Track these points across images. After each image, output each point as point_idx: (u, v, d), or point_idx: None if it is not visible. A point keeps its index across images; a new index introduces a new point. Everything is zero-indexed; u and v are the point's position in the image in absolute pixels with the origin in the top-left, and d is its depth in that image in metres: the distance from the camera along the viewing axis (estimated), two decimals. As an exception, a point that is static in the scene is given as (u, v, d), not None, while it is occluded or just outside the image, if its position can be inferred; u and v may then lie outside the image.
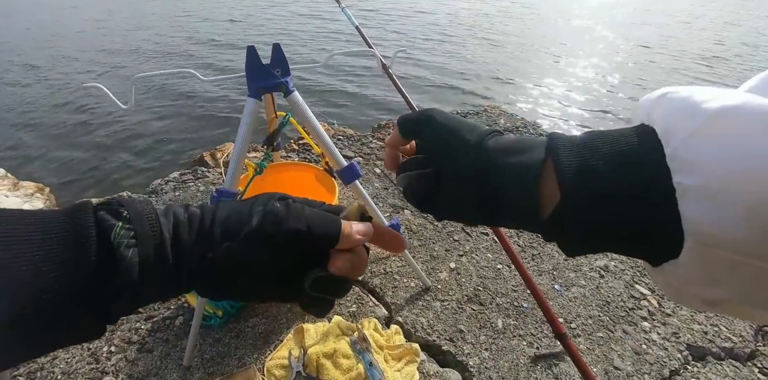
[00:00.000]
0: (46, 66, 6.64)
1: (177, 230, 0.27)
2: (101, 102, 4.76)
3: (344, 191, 1.78)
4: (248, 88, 0.87)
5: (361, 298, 1.31)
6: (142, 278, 0.25)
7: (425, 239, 1.59)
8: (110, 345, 1.15)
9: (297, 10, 11.41)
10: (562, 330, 0.83)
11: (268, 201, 0.30)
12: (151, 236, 0.26)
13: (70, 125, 4.42)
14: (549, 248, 1.58)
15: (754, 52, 7.89)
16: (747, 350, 1.27)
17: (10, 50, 7.65)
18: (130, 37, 8.38)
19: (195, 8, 12.00)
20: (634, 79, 5.97)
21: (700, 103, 0.21)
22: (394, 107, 4.66)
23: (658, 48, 7.74)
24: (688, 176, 0.20)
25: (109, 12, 11.48)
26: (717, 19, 11.92)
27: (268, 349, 1.12)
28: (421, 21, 10.01)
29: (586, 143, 0.25)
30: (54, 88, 5.56)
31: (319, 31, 8.63)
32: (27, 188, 2.26)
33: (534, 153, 0.26)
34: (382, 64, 1.17)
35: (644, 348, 1.21)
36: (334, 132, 2.55)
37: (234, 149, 0.92)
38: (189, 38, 8.22)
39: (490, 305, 1.31)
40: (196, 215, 0.28)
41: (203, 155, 2.57)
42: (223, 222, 0.28)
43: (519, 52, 7.22)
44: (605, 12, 12.75)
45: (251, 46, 0.85)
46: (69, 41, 8.24)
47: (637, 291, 1.42)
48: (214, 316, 1.16)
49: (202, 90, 5.02)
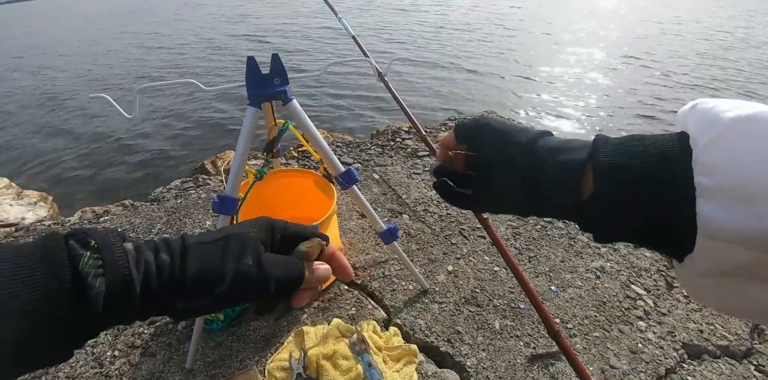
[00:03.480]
0: (53, 77, 6.74)
1: (148, 275, 0.28)
2: (105, 112, 4.82)
3: (343, 197, 1.81)
4: (248, 97, 0.90)
5: (360, 301, 1.33)
6: (107, 306, 0.25)
7: (423, 242, 1.62)
8: (114, 349, 1.17)
9: (297, 21, 11.58)
10: (555, 327, 0.85)
11: (239, 257, 0.30)
12: (119, 266, 0.26)
13: (72, 134, 4.48)
14: (545, 251, 1.61)
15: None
16: (743, 348, 1.28)
17: (22, 61, 7.78)
18: (135, 50, 8.51)
19: (197, 21, 12.19)
20: (627, 85, 6.03)
21: (719, 113, 0.24)
22: (391, 113, 4.71)
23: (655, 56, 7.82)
24: (706, 177, 0.22)
25: (123, 26, 11.69)
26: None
27: (269, 352, 1.14)
28: (418, 29, 10.15)
29: (623, 143, 0.28)
30: (59, 99, 5.64)
31: (317, 40, 8.76)
32: (30, 196, 2.30)
33: (578, 153, 0.30)
34: (378, 72, 1.21)
35: (640, 347, 1.23)
36: (332, 139, 2.59)
37: (235, 156, 0.95)
38: (191, 49, 8.35)
39: (488, 306, 1.33)
40: (166, 263, 0.29)
41: (204, 163, 2.61)
42: (195, 278, 0.29)
43: (515, 61, 7.30)
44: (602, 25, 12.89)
45: (251, 56, 0.88)
46: (77, 54, 8.38)
47: (632, 291, 1.44)
48: (215, 320, 1.18)
49: (203, 99, 5.09)
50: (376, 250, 1.56)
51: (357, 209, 1.78)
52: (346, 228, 1.67)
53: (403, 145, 2.38)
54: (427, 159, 2.22)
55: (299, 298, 0.34)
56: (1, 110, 5.42)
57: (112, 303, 0.26)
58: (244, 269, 0.30)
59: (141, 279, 0.27)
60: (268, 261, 0.31)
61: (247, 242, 0.32)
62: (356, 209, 1.78)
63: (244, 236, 0.32)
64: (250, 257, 0.31)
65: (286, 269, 0.32)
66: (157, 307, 0.29)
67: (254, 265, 0.30)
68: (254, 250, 0.31)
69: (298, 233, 0.36)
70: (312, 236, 0.36)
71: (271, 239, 0.34)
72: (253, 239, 0.32)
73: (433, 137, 2.48)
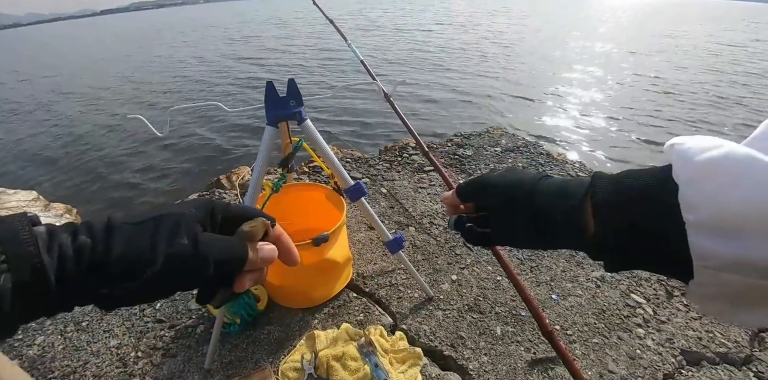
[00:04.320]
0: (84, 98, 7.13)
1: (63, 261, 0.25)
2: (128, 130, 5.07)
3: (352, 209, 1.90)
4: (266, 118, 1.01)
5: (367, 308, 1.40)
6: (16, 304, 0.23)
7: (428, 253, 1.69)
8: (137, 350, 1.25)
9: (311, 46, 12.09)
10: (548, 328, 0.91)
11: (173, 236, 0.28)
12: (27, 255, 0.24)
13: (95, 151, 4.71)
14: (547, 261, 1.66)
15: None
16: (742, 355, 1.31)
17: (57, 83, 8.29)
18: (168, 76, 9.04)
19: (221, 49, 12.83)
20: (627, 103, 6.11)
21: (693, 155, 0.25)
22: (398, 131, 4.86)
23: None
24: (690, 213, 0.24)
25: (155, 57, 12.37)
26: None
27: (282, 354, 1.21)
28: (420, 50, 10.46)
29: (620, 180, 0.30)
30: (86, 119, 5.96)
31: (329, 64, 9.12)
32: (57, 209, 2.44)
33: (577, 196, 0.33)
34: (384, 94, 1.32)
35: (638, 353, 1.27)
36: (342, 155, 2.70)
37: (254, 171, 1.05)
38: (217, 75, 8.83)
39: (490, 313, 1.39)
40: (87, 246, 0.26)
41: (220, 178, 2.74)
42: (120, 259, 0.26)
43: (517, 79, 7.46)
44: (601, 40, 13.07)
45: (269, 81, 0.99)
46: (110, 77, 8.94)
47: (632, 299, 1.48)
48: (233, 323, 1.26)
49: (225, 119, 5.34)
50: (383, 260, 1.63)
51: (365, 221, 1.86)
52: (355, 239, 1.76)
53: (410, 160, 2.48)
54: (433, 174, 2.31)
55: (242, 281, 0.31)
56: (32, 121, 5.76)
57: (23, 298, 0.23)
58: (178, 250, 0.27)
59: (56, 266, 0.24)
60: (206, 240, 0.29)
61: (181, 221, 0.29)
62: (365, 221, 1.87)
63: (180, 215, 0.29)
64: (185, 236, 0.28)
65: (226, 248, 0.29)
66: (79, 295, 0.26)
67: (189, 244, 0.28)
68: (190, 229, 0.28)
69: (240, 215, 0.33)
70: (256, 216, 0.33)
71: (211, 220, 0.31)
72: (190, 217, 0.29)
73: (439, 152, 2.58)
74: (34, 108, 6.84)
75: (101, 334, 1.33)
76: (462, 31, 13.45)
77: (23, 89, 8.55)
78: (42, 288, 0.24)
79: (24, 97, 7.85)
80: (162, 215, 0.29)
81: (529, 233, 0.37)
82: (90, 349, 1.28)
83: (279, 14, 31.80)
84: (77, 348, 1.29)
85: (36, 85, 8.67)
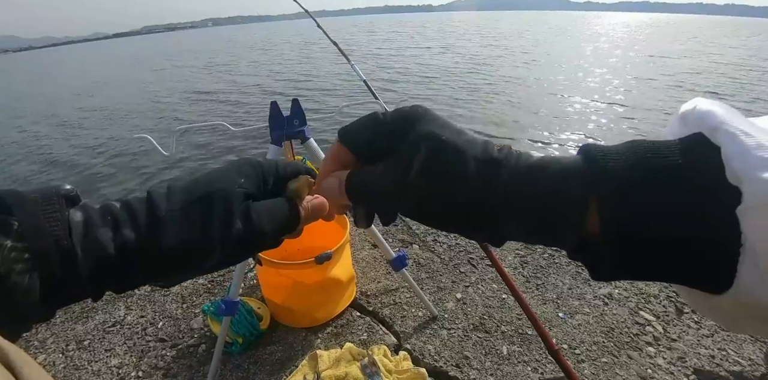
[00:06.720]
0: (92, 120, 7.35)
1: (102, 258, 0.23)
2: (141, 149, 5.20)
3: (355, 228, 1.90)
4: (271, 137, 1.03)
5: (371, 327, 1.38)
6: (46, 298, 0.21)
7: (432, 271, 1.67)
8: (138, 370, 1.23)
9: (315, 66, 12.43)
10: (554, 346, 0.89)
11: (226, 221, 0.26)
12: (52, 253, 0.21)
13: (104, 167, 4.84)
14: (553, 279, 1.64)
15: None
16: (757, 373, 1.27)
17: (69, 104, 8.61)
18: (174, 97, 9.38)
19: (223, 71, 13.25)
20: (631, 119, 6.15)
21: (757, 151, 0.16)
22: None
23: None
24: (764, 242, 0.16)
25: (158, 74, 12.77)
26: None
27: (285, 374, 1.19)
28: (420, 69, 10.69)
29: (633, 163, 0.19)
30: (97, 138, 6.14)
31: (333, 83, 9.34)
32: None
33: (573, 190, 0.20)
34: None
35: (650, 373, 1.23)
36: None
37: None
38: (222, 94, 9.11)
39: (495, 332, 1.37)
40: (130, 242, 0.24)
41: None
42: (172, 256, 0.25)
43: (518, 98, 7.56)
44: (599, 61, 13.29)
45: (274, 101, 1.02)
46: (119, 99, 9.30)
47: (641, 317, 1.45)
48: (235, 343, 1.25)
49: (230, 139, 5.44)
50: (387, 279, 1.62)
51: (369, 239, 1.86)
52: (358, 258, 1.75)
53: (413, 178, 2.49)
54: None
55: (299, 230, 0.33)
56: (48, 138, 5.92)
57: (54, 291, 0.22)
58: (233, 236, 0.26)
59: (93, 265, 0.23)
60: (258, 214, 0.27)
61: (233, 200, 0.27)
62: (368, 239, 1.87)
63: (229, 193, 0.27)
64: (238, 220, 0.26)
65: (280, 216, 0.29)
66: (118, 284, 0.25)
67: (244, 228, 0.26)
68: (242, 210, 0.27)
69: (289, 174, 0.31)
70: (302, 172, 0.32)
71: (263, 186, 0.30)
72: (240, 195, 0.27)
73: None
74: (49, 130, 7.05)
75: (102, 353, 1.32)
76: (474, 58, 13.73)
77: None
78: (74, 282, 0.22)
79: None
80: (210, 193, 0.26)
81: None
82: (91, 368, 1.26)
83: (278, 37, 32.95)
84: (78, 367, 1.27)
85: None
